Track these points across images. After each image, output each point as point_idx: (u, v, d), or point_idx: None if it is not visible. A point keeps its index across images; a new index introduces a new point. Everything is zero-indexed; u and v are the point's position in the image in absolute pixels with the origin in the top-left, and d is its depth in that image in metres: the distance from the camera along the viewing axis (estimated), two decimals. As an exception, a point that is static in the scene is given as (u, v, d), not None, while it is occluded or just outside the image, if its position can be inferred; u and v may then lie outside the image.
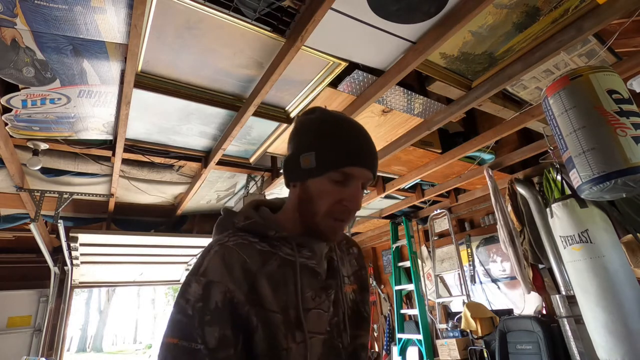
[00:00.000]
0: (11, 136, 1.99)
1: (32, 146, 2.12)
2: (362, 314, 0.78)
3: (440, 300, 3.66)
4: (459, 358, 3.12)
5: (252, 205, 0.76)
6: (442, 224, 3.83)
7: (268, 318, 0.61)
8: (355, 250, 0.87)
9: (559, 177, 2.48)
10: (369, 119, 2.17)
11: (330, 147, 0.68)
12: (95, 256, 3.65)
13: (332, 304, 0.70)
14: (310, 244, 0.72)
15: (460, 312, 3.25)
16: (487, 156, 2.84)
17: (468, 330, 3.07)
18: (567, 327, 2.29)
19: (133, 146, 2.30)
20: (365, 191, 0.74)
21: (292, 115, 2.13)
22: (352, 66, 1.75)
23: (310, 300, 0.67)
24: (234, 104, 1.97)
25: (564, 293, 2.50)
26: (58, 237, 3.23)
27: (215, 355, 0.56)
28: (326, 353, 0.66)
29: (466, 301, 3.27)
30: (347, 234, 4.03)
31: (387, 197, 3.57)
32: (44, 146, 2.14)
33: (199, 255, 0.69)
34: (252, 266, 0.64)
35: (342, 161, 0.67)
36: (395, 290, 4.16)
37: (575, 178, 1.55)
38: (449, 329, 3.43)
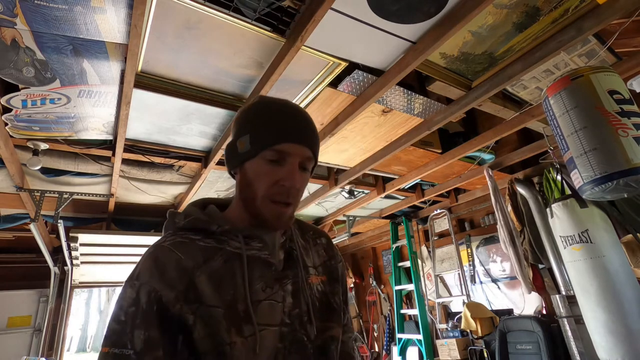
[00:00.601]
0: (11, 136, 1.99)
1: (32, 146, 2.12)
2: (331, 306, 0.76)
3: (440, 300, 3.66)
4: (459, 358, 3.12)
5: (197, 204, 0.75)
6: (442, 224, 3.83)
7: (208, 314, 0.60)
8: (324, 241, 0.85)
9: (559, 177, 2.48)
10: (369, 119, 2.18)
11: (262, 127, 0.68)
12: (95, 256, 3.65)
13: (290, 294, 0.68)
14: (260, 234, 0.70)
15: (460, 312, 3.25)
16: (487, 156, 2.84)
17: (468, 330, 3.07)
18: (567, 327, 2.29)
19: (133, 146, 2.30)
20: (304, 171, 0.70)
21: (292, 115, 2.13)
22: (352, 66, 1.75)
23: (260, 292, 0.65)
24: (234, 104, 1.97)
25: (564, 293, 2.50)
26: (58, 237, 3.23)
27: (142, 359, 0.55)
28: (288, 346, 0.64)
29: (466, 301, 3.27)
30: (347, 234, 4.05)
31: (387, 197, 3.57)
32: (44, 146, 2.14)
33: None
34: (188, 263, 0.63)
35: (275, 138, 0.66)
36: (395, 290, 4.16)
37: (577, 178, 1.54)
38: (449, 329, 3.43)
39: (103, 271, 4.36)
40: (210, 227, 0.68)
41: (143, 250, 0.70)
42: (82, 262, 3.61)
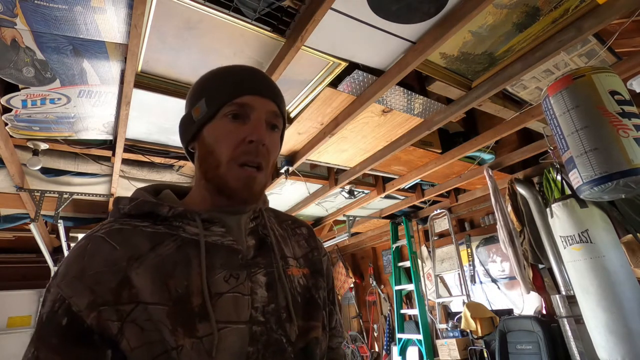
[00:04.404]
0: (11, 136, 1.99)
1: (32, 146, 2.12)
2: (316, 302, 0.65)
3: (440, 300, 3.66)
4: (459, 358, 3.12)
5: (148, 189, 0.63)
6: (442, 224, 3.83)
7: (150, 315, 0.48)
8: (305, 231, 0.75)
9: (559, 177, 2.48)
10: (369, 119, 2.18)
11: (219, 85, 0.61)
12: (95, 256, 3.64)
13: (264, 287, 0.58)
14: (222, 218, 0.59)
15: (460, 312, 3.25)
16: (487, 156, 2.84)
17: (468, 330, 3.07)
18: (567, 327, 2.29)
19: (133, 146, 2.30)
20: (273, 129, 0.62)
21: (292, 115, 2.13)
22: (352, 66, 1.75)
23: (221, 283, 0.54)
24: (234, 104, 1.96)
25: (564, 293, 2.50)
26: (58, 237, 3.24)
27: None
28: (261, 349, 0.53)
29: (466, 301, 3.27)
30: (347, 234, 4.05)
31: (387, 197, 3.56)
32: (44, 146, 2.14)
33: None
34: (121, 254, 0.52)
35: (233, 91, 0.59)
36: (395, 290, 4.16)
37: (576, 178, 1.54)
38: (449, 329, 3.43)
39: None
40: (160, 210, 0.57)
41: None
42: (82, 262, 3.61)
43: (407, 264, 4.07)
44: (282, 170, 2.63)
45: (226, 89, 0.60)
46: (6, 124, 1.88)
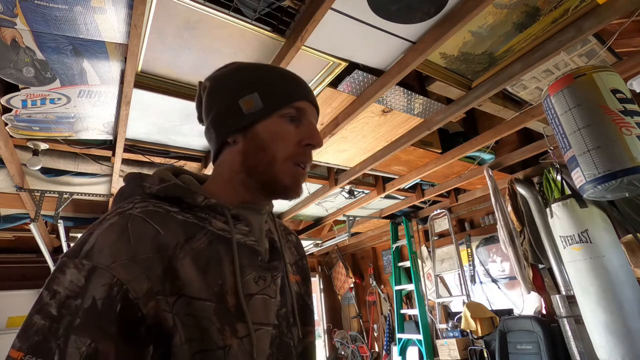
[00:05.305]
0: (11, 136, 1.99)
1: (32, 146, 2.12)
2: (309, 308, 0.68)
3: (440, 300, 3.66)
4: (459, 358, 3.12)
5: (170, 171, 0.60)
6: (442, 224, 3.83)
7: (194, 310, 0.46)
8: (294, 238, 0.76)
9: (559, 177, 2.48)
10: (369, 119, 2.18)
11: (276, 83, 0.60)
12: (95, 256, 3.64)
13: (279, 291, 0.58)
14: (247, 216, 0.59)
15: (460, 312, 3.25)
16: (487, 156, 2.84)
17: (468, 330, 3.07)
18: (567, 327, 2.29)
19: (133, 146, 2.30)
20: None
21: (292, 115, 2.13)
22: (352, 66, 1.75)
23: (252, 284, 0.53)
24: (234, 104, 1.96)
25: (564, 293, 2.50)
26: (58, 237, 3.23)
27: None
28: (275, 352, 0.53)
29: (466, 301, 3.27)
30: (347, 234, 4.05)
31: (387, 197, 3.56)
32: (44, 146, 2.14)
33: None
34: (168, 240, 0.48)
35: (293, 95, 0.60)
36: (395, 290, 4.16)
37: (579, 177, 1.54)
38: (449, 329, 3.43)
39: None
40: (193, 198, 0.54)
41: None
42: (82, 262, 3.60)
43: (407, 264, 4.07)
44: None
45: (287, 90, 0.60)
46: (6, 124, 1.88)
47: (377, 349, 4.69)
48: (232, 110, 0.59)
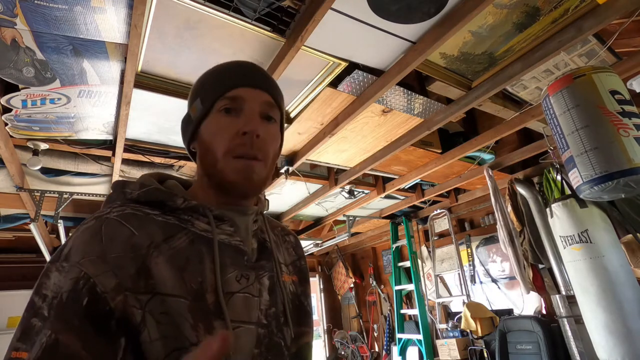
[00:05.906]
0: (11, 136, 1.99)
1: (32, 146, 2.12)
2: (305, 308, 0.67)
3: (440, 300, 3.66)
4: (459, 358, 3.12)
5: (154, 177, 0.61)
6: (442, 224, 3.83)
7: (168, 307, 0.47)
8: (292, 239, 0.76)
9: (559, 177, 2.48)
10: (369, 119, 2.18)
11: (211, 82, 0.61)
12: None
13: (267, 290, 0.58)
14: (231, 216, 0.59)
15: (460, 312, 3.25)
16: (487, 156, 2.84)
17: (468, 330, 3.07)
18: (567, 327, 2.30)
19: (133, 146, 2.30)
20: (269, 120, 0.60)
21: (292, 115, 2.13)
22: (352, 66, 1.75)
23: (234, 282, 0.54)
24: (234, 104, 1.96)
25: (564, 293, 2.50)
26: (58, 237, 3.24)
27: None
28: (264, 352, 0.54)
29: (466, 301, 3.27)
30: (347, 234, 4.05)
31: (387, 197, 3.57)
32: (44, 146, 2.14)
33: None
34: (142, 240, 0.49)
35: (225, 86, 0.59)
36: (395, 290, 4.16)
37: (576, 177, 1.54)
38: (449, 329, 3.43)
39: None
40: (174, 201, 0.55)
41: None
42: (82, 262, 3.60)
43: (407, 264, 4.07)
44: (282, 171, 2.63)
45: (218, 84, 0.60)
46: (6, 124, 1.88)
47: (377, 349, 4.69)
48: (186, 120, 0.63)
